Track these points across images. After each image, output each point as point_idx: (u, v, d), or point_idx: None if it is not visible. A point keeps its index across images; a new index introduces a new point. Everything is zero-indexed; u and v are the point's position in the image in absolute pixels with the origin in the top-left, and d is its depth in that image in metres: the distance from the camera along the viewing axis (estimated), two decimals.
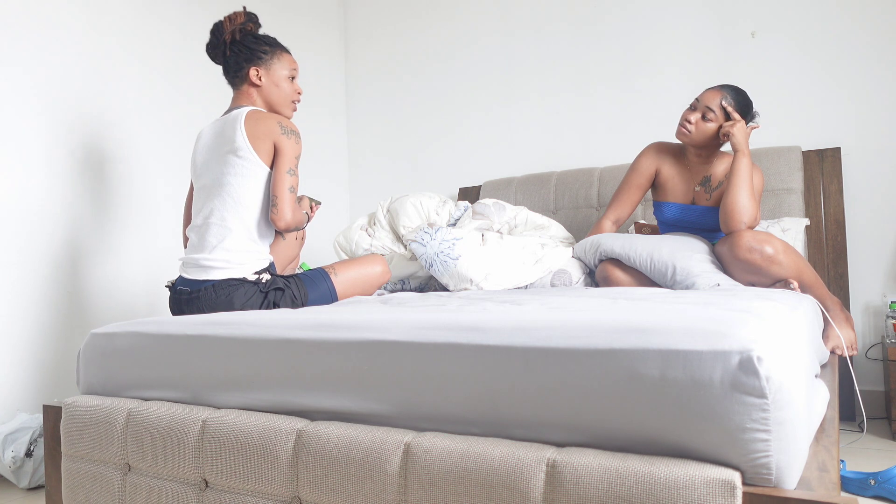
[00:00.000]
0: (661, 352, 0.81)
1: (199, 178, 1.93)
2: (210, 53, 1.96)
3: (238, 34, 1.92)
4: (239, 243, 1.83)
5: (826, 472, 0.84)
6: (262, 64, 1.93)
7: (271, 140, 1.83)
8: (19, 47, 2.15)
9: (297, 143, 1.87)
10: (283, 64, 1.97)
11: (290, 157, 1.84)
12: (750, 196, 1.94)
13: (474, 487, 0.85)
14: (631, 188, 2.28)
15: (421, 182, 3.43)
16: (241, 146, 1.82)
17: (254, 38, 1.93)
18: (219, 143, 1.88)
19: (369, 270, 2.02)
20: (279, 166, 1.83)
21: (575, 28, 3.03)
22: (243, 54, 1.91)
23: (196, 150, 1.97)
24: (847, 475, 1.66)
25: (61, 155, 2.26)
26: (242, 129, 1.82)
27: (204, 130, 1.98)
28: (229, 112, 1.93)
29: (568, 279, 2.19)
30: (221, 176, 1.85)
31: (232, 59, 1.93)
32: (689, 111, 2.12)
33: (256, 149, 1.82)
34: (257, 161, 1.83)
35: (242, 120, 1.84)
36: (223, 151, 1.85)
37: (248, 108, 1.88)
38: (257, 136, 1.82)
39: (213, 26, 1.94)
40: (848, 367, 2.21)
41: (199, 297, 1.79)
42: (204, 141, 1.95)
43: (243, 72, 1.93)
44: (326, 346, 1.06)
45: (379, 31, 3.56)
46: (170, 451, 1.15)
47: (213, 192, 1.86)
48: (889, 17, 2.45)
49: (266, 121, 1.84)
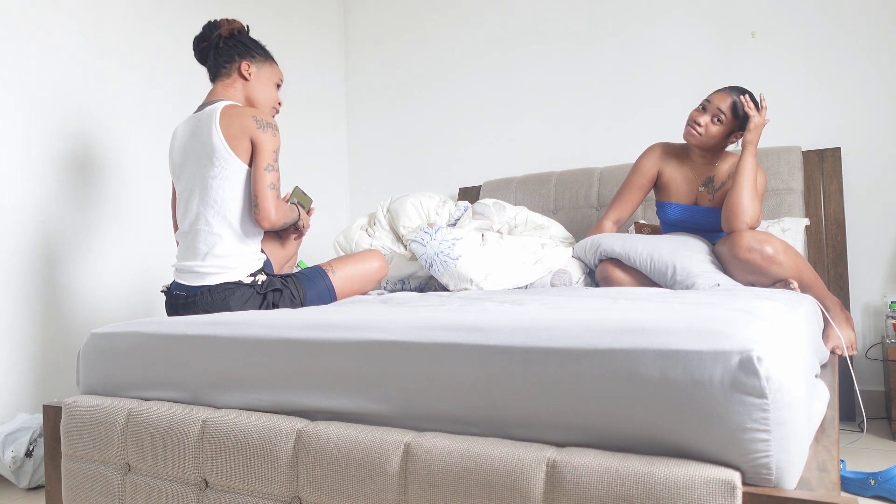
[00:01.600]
0: (661, 352, 0.81)
1: (178, 180, 1.89)
2: (197, 46, 1.93)
3: (236, 32, 1.94)
4: (229, 247, 1.80)
5: (826, 472, 0.84)
6: (255, 62, 1.93)
7: (248, 136, 1.77)
8: (6, 47, 2.14)
9: (275, 136, 1.81)
10: (273, 71, 1.97)
11: (267, 152, 1.78)
12: (753, 196, 1.93)
13: (474, 487, 0.85)
14: (632, 189, 2.27)
15: (421, 182, 3.43)
16: (219, 147, 1.77)
17: (250, 39, 1.95)
18: (195, 144, 1.82)
19: (366, 266, 2.01)
20: (257, 163, 1.78)
21: (575, 28, 3.03)
22: (237, 48, 1.91)
23: (172, 150, 1.92)
24: (847, 475, 1.66)
25: (57, 156, 2.26)
26: (218, 129, 1.77)
27: (178, 129, 1.92)
28: (203, 108, 1.87)
29: (568, 279, 2.19)
30: (202, 179, 1.80)
31: (224, 51, 1.91)
32: (698, 112, 2.08)
33: (234, 148, 1.77)
34: (236, 161, 1.78)
35: (217, 118, 1.78)
36: (201, 154, 1.80)
37: (223, 104, 1.83)
38: (233, 134, 1.77)
39: (208, 22, 1.93)
40: (848, 367, 2.21)
41: (195, 301, 1.78)
42: (179, 140, 1.89)
43: (234, 64, 1.91)
44: (326, 346, 1.06)
45: (379, 33, 3.56)
46: (170, 451, 1.15)
47: (196, 197, 1.82)
48: (889, 17, 2.45)
49: (240, 117, 1.78)
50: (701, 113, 2.07)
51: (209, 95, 1.92)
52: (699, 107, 2.09)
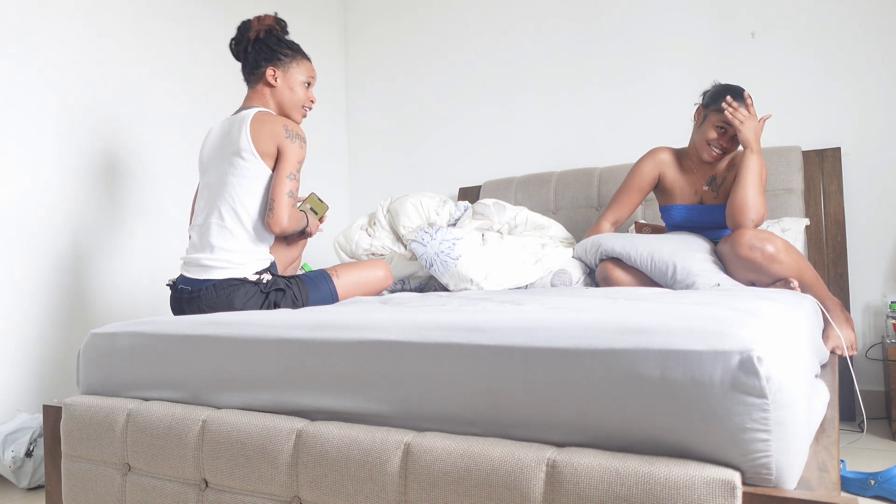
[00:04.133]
0: (661, 352, 0.81)
1: (204, 174, 1.95)
2: (233, 49, 1.98)
3: (263, 34, 1.95)
4: (239, 244, 1.83)
5: (826, 472, 0.84)
6: (281, 66, 1.95)
7: (275, 143, 1.84)
8: (32, 48, 2.15)
9: (302, 147, 1.87)
10: (301, 69, 1.98)
11: (292, 161, 1.84)
12: (759, 193, 1.95)
13: (474, 487, 0.85)
14: (632, 191, 2.28)
15: (421, 182, 3.43)
16: (245, 147, 1.83)
17: (277, 41, 1.96)
18: (224, 143, 1.89)
19: (371, 274, 2.03)
20: (280, 170, 1.83)
21: (575, 28, 3.03)
22: (263, 53, 1.94)
23: (204, 147, 1.98)
24: (847, 475, 1.66)
25: (67, 156, 2.26)
26: (248, 131, 1.83)
27: (213, 128, 1.99)
28: (239, 112, 1.94)
29: (568, 279, 2.19)
30: (224, 176, 1.86)
31: (252, 57, 1.95)
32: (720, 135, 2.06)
33: (260, 151, 1.83)
34: (260, 163, 1.84)
35: (249, 121, 1.85)
36: (228, 152, 1.86)
37: (257, 110, 1.89)
38: (261, 138, 1.83)
39: (241, 24, 1.96)
40: (848, 367, 2.21)
41: (199, 297, 1.80)
42: (212, 139, 1.96)
43: (260, 70, 1.94)
44: (326, 346, 1.06)
45: (379, 32, 3.56)
46: (170, 451, 1.15)
47: (216, 192, 1.87)
48: (889, 17, 2.45)
49: (272, 123, 1.85)
50: (722, 135, 2.07)
51: (244, 102, 1.99)
52: (720, 128, 2.06)
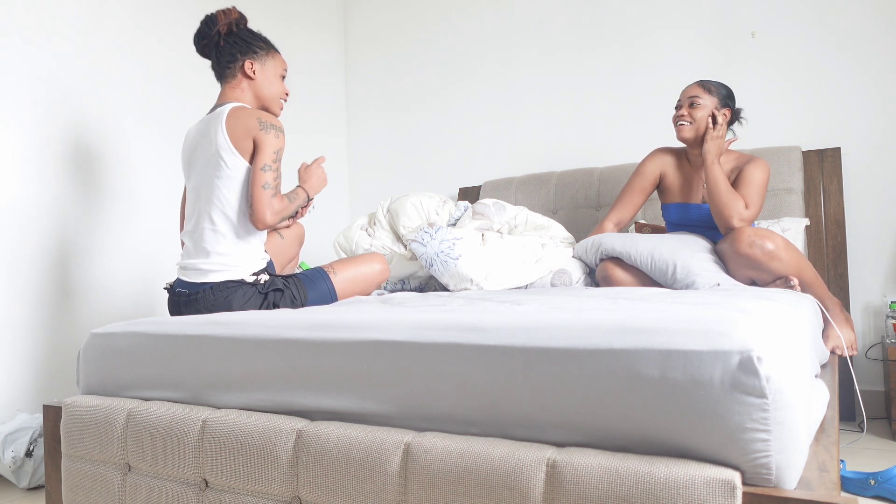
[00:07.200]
0: (662, 352, 0.81)
1: (189, 179, 1.92)
2: (198, 43, 1.92)
3: (234, 27, 1.91)
4: (233, 246, 1.82)
5: (826, 472, 0.84)
6: (258, 58, 1.92)
7: (251, 137, 1.79)
8: (11, 45, 2.15)
9: (277, 137, 1.81)
10: (276, 62, 1.96)
11: (267, 152, 1.79)
12: (729, 191, 1.98)
13: (474, 487, 0.85)
14: (634, 191, 2.29)
15: (421, 182, 3.43)
16: (223, 146, 1.79)
17: (249, 33, 1.93)
18: (203, 143, 1.85)
19: (368, 269, 2.02)
20: (255, 163, 1.79)
21: (575, 28, 3.03)
22: (238, 46, 1.90)
23: (184, 150, 1.95)
24: (847, 475, 1.66)
25: (59, 153, 2.26)
26: (224, 128, 1.80)
27: (190, 130, 1.95)
28: (214, 109, 1.90)
29: (568, 279, 2.19)
30: (209, 178, 1.82)
31: (226, 50, 1.90)
32: (676, 112, 2.17)
33: (238, 148, 1.79)
34: (240, 160, 1.80)
35: (224, 118, 1.81)
36: (209, 153, 1.83)
37: (231, 105, 1.85)
38: (238, 134, 1.79)
39: (206, 17, 1.90)
40: (848, 367, 2.21)
41: (197, 300, 1.79)
42: (191, 140, 1.92)
43: (237, 63, 1.90)
44: (326, 346, 1.06)
45: (379, 32, 3.56)
46: (170, 451, 1.15)
47: (204, 197, 1.84)
48: (889, 18, 2.45)
49: (246, 118, 1.80)
50: (677, 111, 2.16)
51: (219, 98, 1.94)
52: (676, 107, 2.19)
